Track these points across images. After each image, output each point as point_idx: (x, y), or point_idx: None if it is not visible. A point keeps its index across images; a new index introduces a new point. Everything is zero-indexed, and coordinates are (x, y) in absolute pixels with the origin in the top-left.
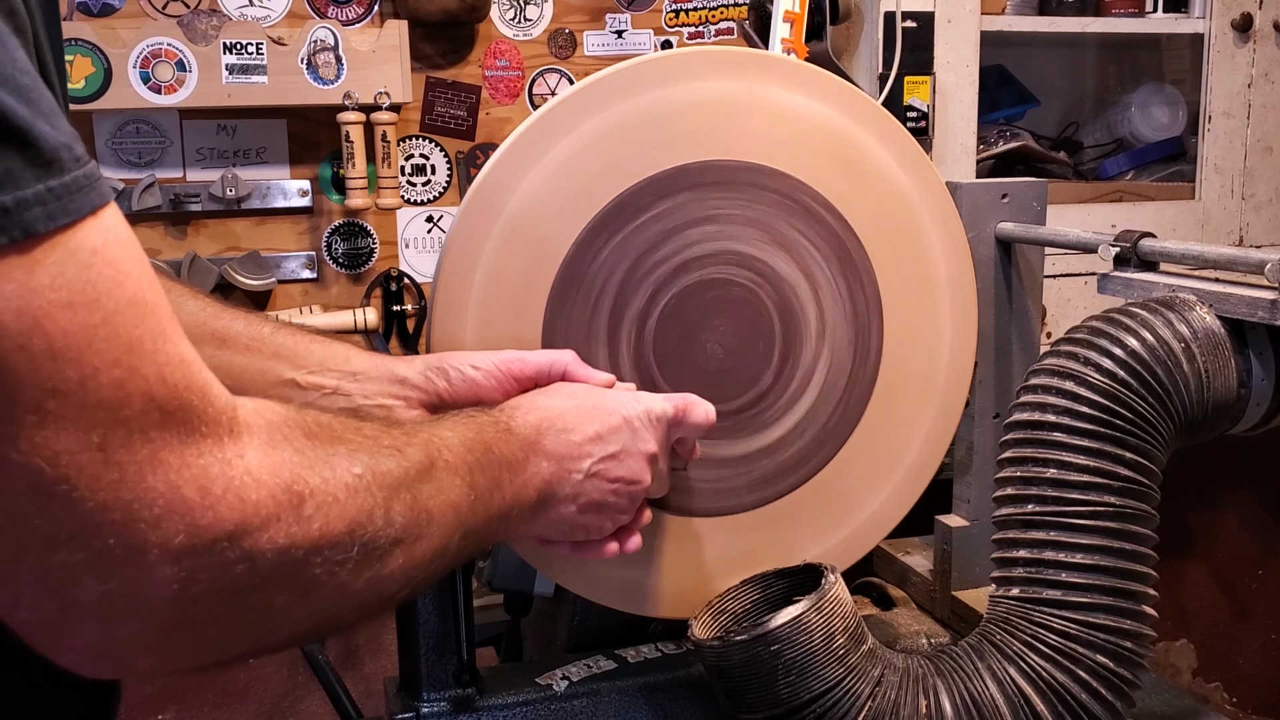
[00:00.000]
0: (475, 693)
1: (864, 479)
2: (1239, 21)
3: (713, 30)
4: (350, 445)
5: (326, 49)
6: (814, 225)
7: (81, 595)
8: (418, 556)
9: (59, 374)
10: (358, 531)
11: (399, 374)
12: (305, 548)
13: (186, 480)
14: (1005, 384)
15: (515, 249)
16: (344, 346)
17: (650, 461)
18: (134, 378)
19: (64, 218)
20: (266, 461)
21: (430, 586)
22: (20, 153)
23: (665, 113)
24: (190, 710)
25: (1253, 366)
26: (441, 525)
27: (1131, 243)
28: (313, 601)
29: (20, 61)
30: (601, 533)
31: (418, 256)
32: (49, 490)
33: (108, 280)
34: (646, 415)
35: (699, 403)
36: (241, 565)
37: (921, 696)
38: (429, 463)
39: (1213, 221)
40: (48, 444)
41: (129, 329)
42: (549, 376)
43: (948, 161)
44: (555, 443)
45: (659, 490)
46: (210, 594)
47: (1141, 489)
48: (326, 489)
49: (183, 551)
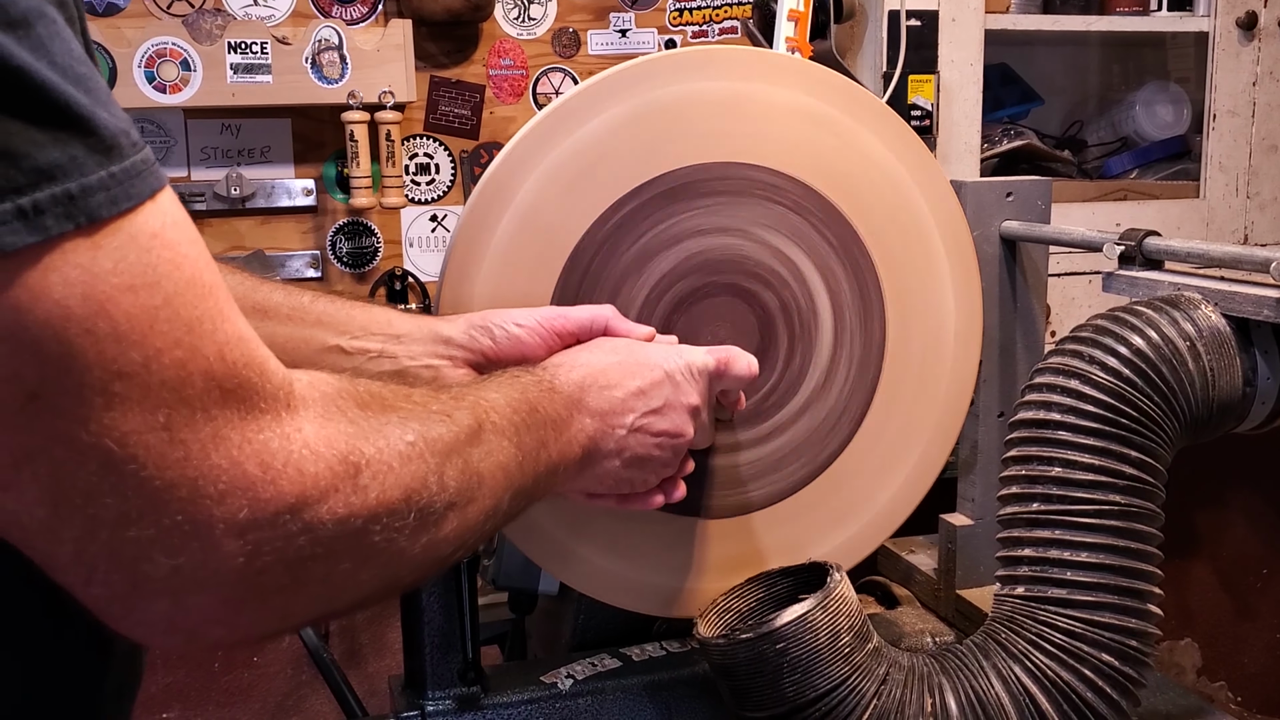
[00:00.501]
0: (480, 691)
1: (869, 478)
2: (1244, 20)
3: (716, 29)
4: (401, 413)
5: (331, 48)
6: (819, 226)
7: (152, 570)
8: (470, 518)
9: (124, 356)
10: (413, 498)
11: (443, 334)
12: (364, 516)
13: (248, 456)
14: (1010, 383)
15: (524, 239)
16: (384, 310)
17: (693, 414)
18: (195, 357)
19: (125, 202)
20: (323, 434)
21: (436, 582)
22: (83, 140)
23: (676, 111)
24: (195, 709)
25: (1258, 365)
26: (492, 486)
27: (1136, 241)
28: (373, 567)
29: (77, 51)
30: (646, 485)
31: (422, 256)
32: (119, 469)
33: (167, 263)
34: (688, 368)
35: (741, 355)
36: (303, 536)
37: (927, 695)
38: (477, 426)
39: (1217, 220)
40: (116, 425)
41: (189, 309)
42: (590, 332)
43: (952, 160)
44: (599, 399)
45: (702, 442)
46: (275, 565)
47: (1147, 488)
48: (381, 458)
49: (247, 525)
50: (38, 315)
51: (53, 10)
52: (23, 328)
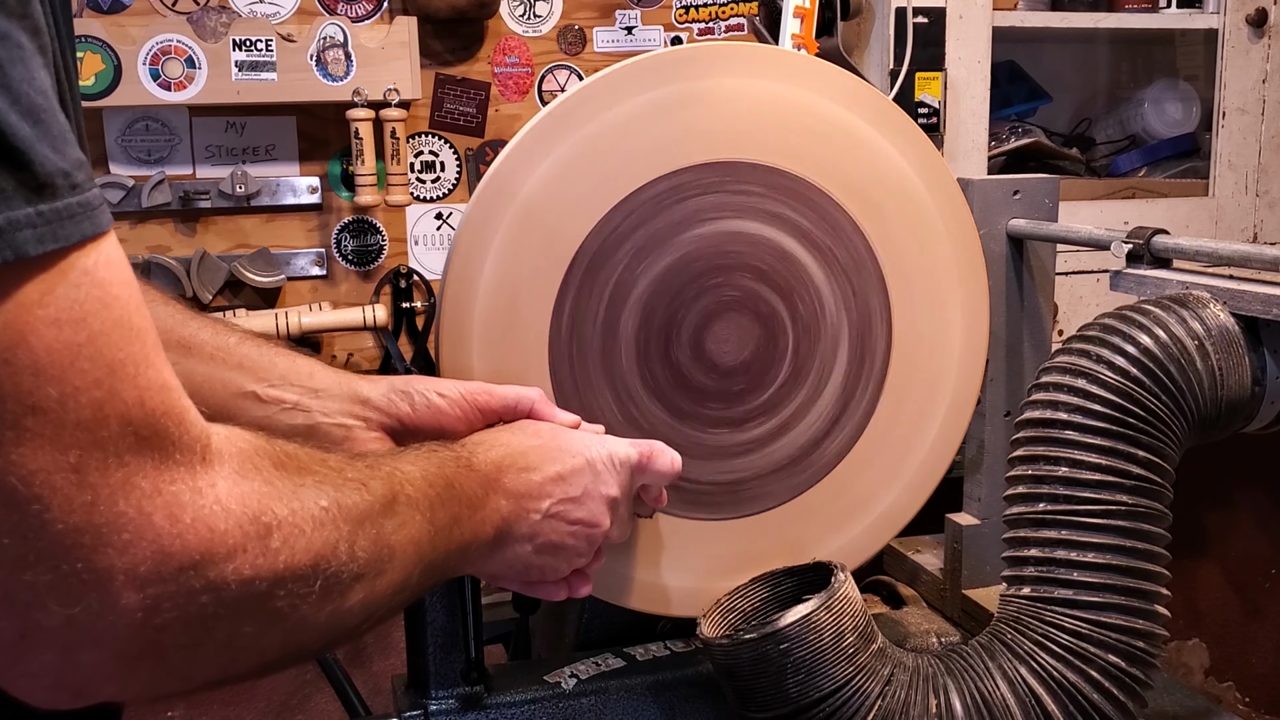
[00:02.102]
0: (483, 690)
1: (875, 477)
2: (1254, 17)
3: (723, 26)
4: (317, 477)
5: (336, 46)
6: (825, 225)
7: (45, 619)
8: (379, 590)
9: (40, 390)
10: (321, 565)
11: (362, 394)
12: (270, 579)
13: (157, 507)
14: (1016, 382)
15: (528, 235)
16: (309, 361)
17: (611, 505)
18: (114, 400)
19: (53, 243)
20: (236, 491)
21: (439, 585)
22: (14, 174)
23: (681, 109)
24: (199, 708)
25: (1267, 364)
26: (403, 560)
27: (1144, 239)
28: (275, 632)
29: (38, 81)
30: (556, 574)
31: (427, 253)
32: (21, 508)
33: (95, 301)
34: (610, 459)
35: (665, 450)
36: (206, 594)
37: (931, 696)
38: (392, 497)
39: (1226, 218)
40: (24, 462)
41: (113, 351)
42: (515, 412)
43: (959, 158)
44: (515, 481)
45: (619, 536)
46: (174, 622)
47: (1154, 487)
48: (294, 521)
49: (149, 578)
50: None
51: (21, 35)
52: None
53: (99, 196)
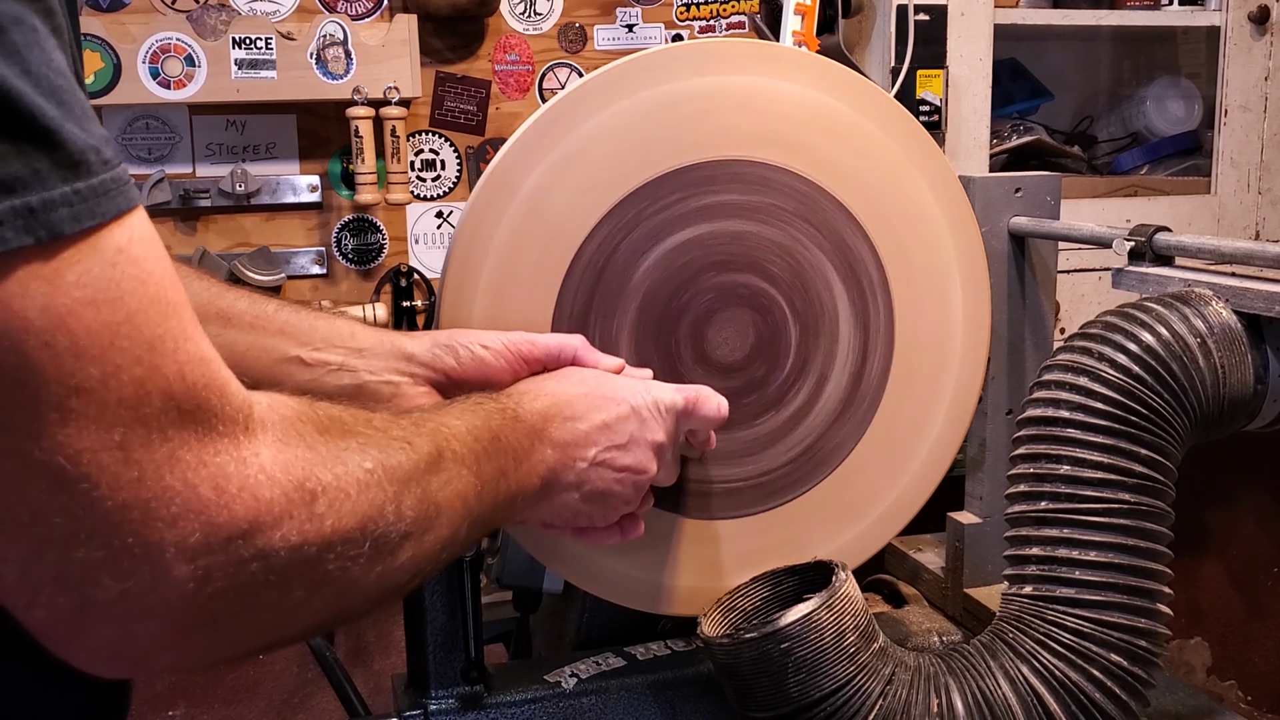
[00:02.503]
0: (483, 690)
1: (876, 476)
2: (1256, 14)
3: (724, 24)
4: (361, 439)
5: (336, 44)
6: (827, 223)
7: (99, 594)
8: (427, 548)
9: (82, 371)
10: (369, 527)
11: (406, 350)
12: (318, 544)
13: (203, 479)
14: (1018, 380)
15: (530, 232)
16: (349, 322)
17: (657, 451)
18: (155, 376)
19: (89, 220)
20: (280, 459)
21: (439, 581)
22: (48, 154)
23: (683, 106)
24: (201, 707)
25: (1269, 362)
26: (450, 516)
27: (1146, 237)
28: (326, 595)
29: (56, 62)
30: (605, 520)
31: (427, 252)
32: (70, 488)
33: (131, 279)
34: (656, 405)
35: (710, 395)
36: (256, 563)
37: (933, 695)
38: (437, 454)
39: (1229, 216)
40: (70, 442)
41: (151, 327)
42: (558, 360)
43: (961, 156)
44: (561, 430)
45: (666, 480)
46: (226, 591)
47: (1156, 486)
48: (339, 485)
49: (198, 550)
50: None
51: (35, 19)
52: None
53: (126, 171)
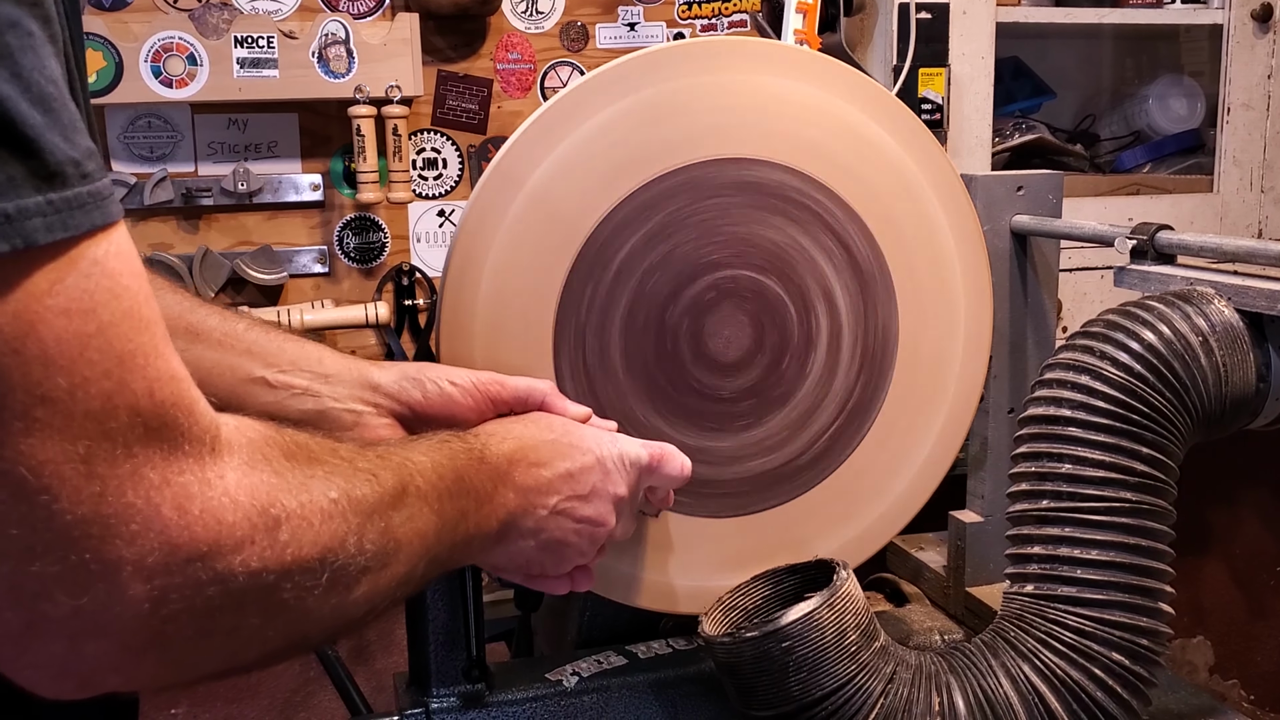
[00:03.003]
0: (485, 688)
1: (878, 474)
2: (1259, 12)
3: (725, 23)
4: (327, 468)
5: (337, 42)
6: (830, 221)
7: (52, 610)
8: (383, 583)
9: (50, 381)
10: (329, 558)
11: (372, 380)
12: (277, 572)
13: (166, 498)
14: (1020, 379)
15: (534, 227)
16: (317, 347)
17: (618, 505)
18: (123, 391)
19: (63, 231)
20: (245, 482)
21: (440, 579)
22: (24, 162)
23: (685, 103)
24: (203, 706)
25: (1272, 360)
26: (409, 553)
27: (1148, 235)
28: (280, 624)
29: (49, 70)
30: (558, 570)
31: (429, 251)
32: (30, 499)
33: (105, 292)
34: (621, 458)
35: (675, 454)
36: (213, 586)
37: (934, 694)
38: (401, 489)
39: (1231, 214)
40: (33, 452)
41: (123, 341)
42: (525, 404)
43: (963, 154)
44: (525, 475)
45: (623, 534)
46: (181, 614)
47: (1158, 484)
48: (302, 514)
49: (156, 570)
50: None
51: (32, 24)
52: None
53: (109, 187)
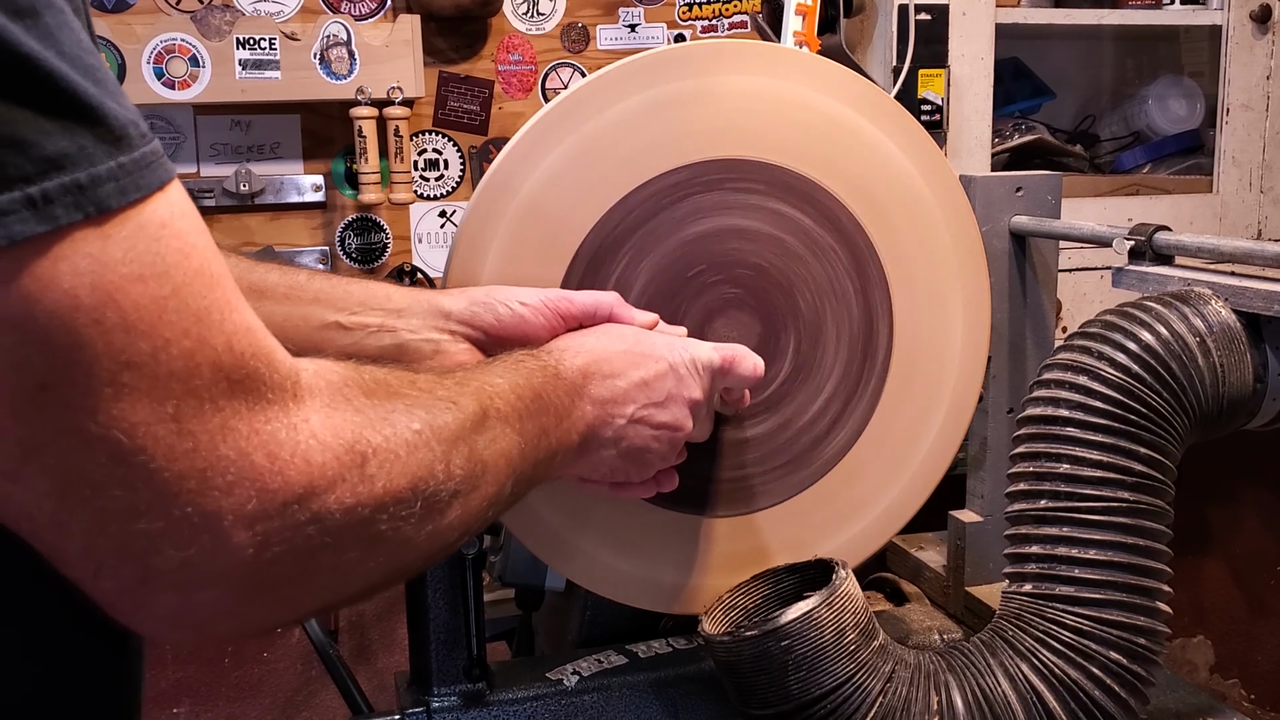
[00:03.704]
0: (486, 687)
1: (877, 474)
2: (1258, 13)
3: (726, 24)
4: (408, 400)
5: (339, 44)
6: (826, 223)
7: (161, 564)
8: (474, 505)
9: (133, 346)
10: (419, 487)
11: (444, 308)
12: (371, 505)
13: (256, 447)
14: (1019, 379)
15: (530, 231)
16: (382, 285)
17: (693, 408)
18: (203, 348)
19: (135, 193)
20: (329, 423)
21: (441, 579)
22: (92, 130)
23: (685, 106)
24: (205, 704)
25: (1269, 361)
26: (495, 474)
27: (1146, 236)
28: (380, 555)
29: (85, 42)
30: (641, 475)
31: (431, 251)
32: (127, 461)
33: (176, 253)
34: (693, 362)
35: (746, 354)
36: (312, 526)
37: (933, 692)
38: (482, 413)
39: (1230, 215)
40: (124, 416)
41: (197, 300)
42: (595, 317)
43: (962, 155)
44: (600, 387)
45: (700, 435)
46: (284, 555)
47: (1156, 484)
48: (388, 447)
49: (255, 516)
50: (46, 305)
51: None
52: (31, 317)
53: (159, 144)
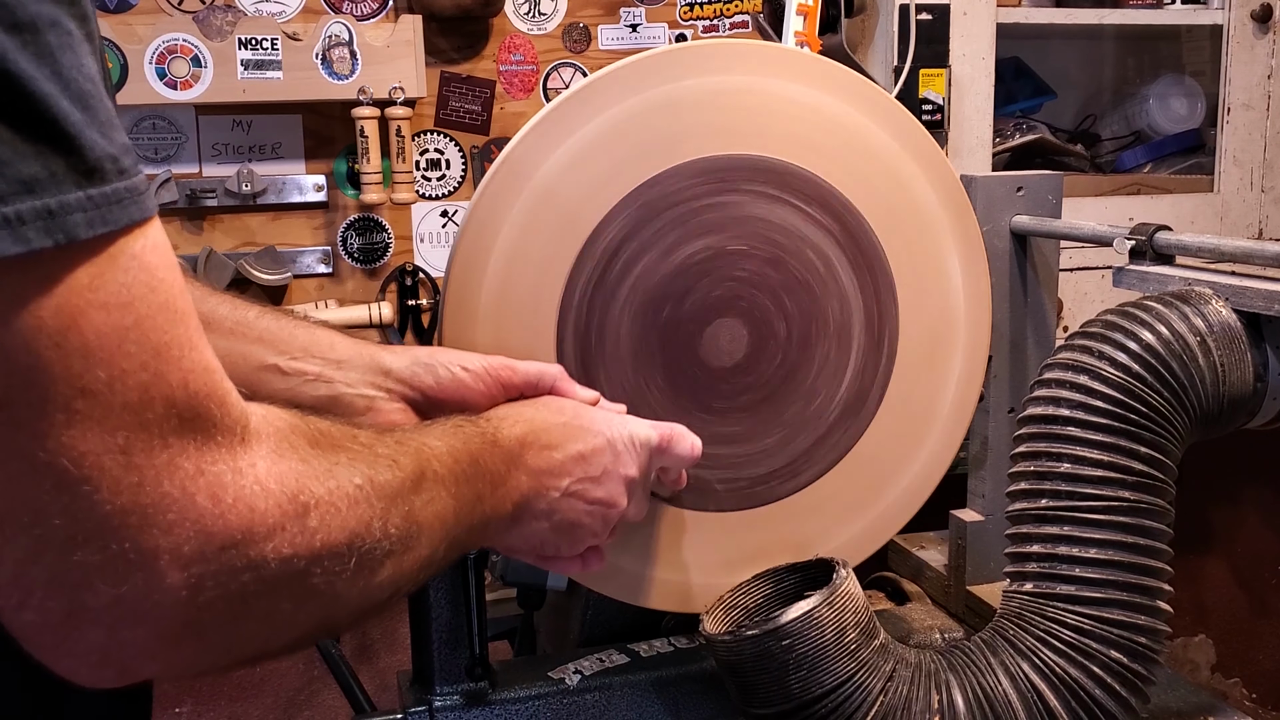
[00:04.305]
0: (488, 686)
1: (877, 474)
2: (1259, 12)
3: (727, 24)
4: (350, 454)
5: (341, 44)
6: (834, 222)
7: (92, 599)
8: (407, 566)
9: (90, 373)
10: (356, 543)
11: (384, 365)
12: (308, 557)
13: (200, 487)
14: (1020, 378)
15: (541, 219)
16: (328, 332)
17: (629, 486)
18: (159, 382)
19: (103, 226)
20: (275, 470)
21: (444, 578)
22: (65, 158)
23: (692, 103)
24: (207, 704)
25: (1269, 360)
26: (430, 536)
27: (1147, 236)
28: (311, 608)
29: (87, 68)
30: (571, 550)
31: (433, 251)
32: (72, 490)
33: (142, 285)
34: (631, 439)
35: (685, 434)
36: (247, 573)
37: (934, 691)
38: (420, 473)
39: (1231, 214)
40: (74, 444)
41: (159, 334)
42: (536, 388)
43: (963, 154)
44: (537, 458)
45: (635, 515)
46: (216, 600)
47: (1156, 484)
48: (330, 500)
49: (192, 558)
50: (12, 324)
51: (70, 23)
52: None
53: (144, 182)
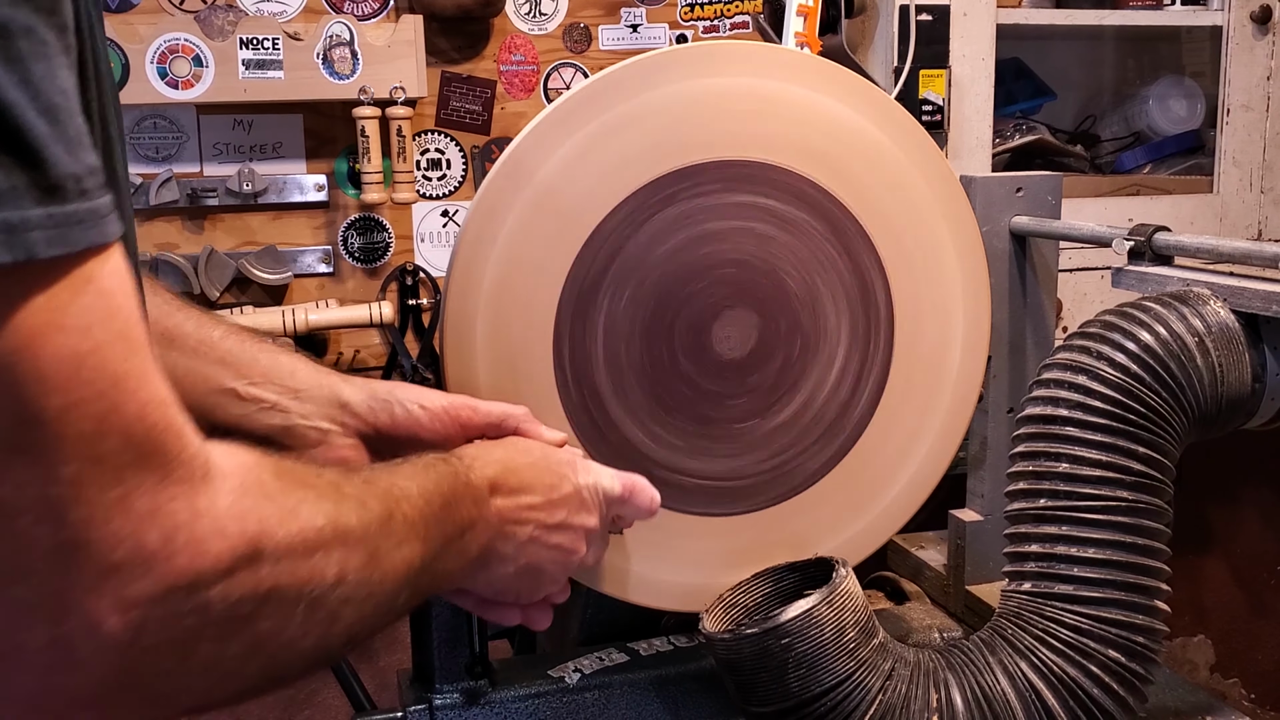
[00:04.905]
0: (487, 685)
1: (877, 474)
2: (1258, 14)
3: (728, 25)
4: (315, 492)
5: (342, 44)
6: (829, 222)
7: (27, 640)
8: (366, 613)
9: (44, 398)
10: (310, 589)
11: (342, 398)
12: (257, 601)
13: (151, 526)
14: (1019, 378)
15: (542, 217)
16: (291, 359)
17: (588, 535)
18: (115, 414)
19: (63, 247)
20: (235, 510)
21: None
22: (27, 173)
23: (692, 105)
24: None
25: (1267, 361)
26: (393, 582)
27: (1145, 237)
28: (260, 656)
29: (60, 80)
30: (531, 597)
31: (433, 251)
32: (14, 521)
33: (101, 310)
34: (595, 487)
35: (646, 488)
36: (193, 617)
37: (932, 690)
38: (388, 516)
39: (1231, 215)
40: (17, 473)
41: (116, 363)
42: (499, 429)
43: (963, 155)
44: (506, 501)
45: (592, 562)
46: (159, 645)
47: (1154, 484)
48: (289, 544)
49: (136, 600)
50: None
51: (48, 33)
52: None
53: (108, 205)
